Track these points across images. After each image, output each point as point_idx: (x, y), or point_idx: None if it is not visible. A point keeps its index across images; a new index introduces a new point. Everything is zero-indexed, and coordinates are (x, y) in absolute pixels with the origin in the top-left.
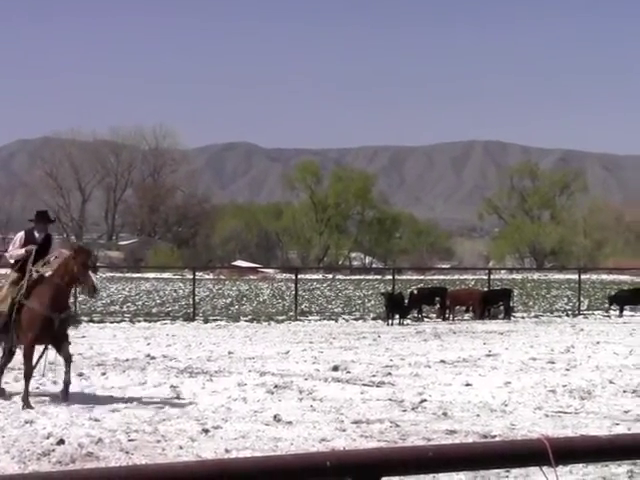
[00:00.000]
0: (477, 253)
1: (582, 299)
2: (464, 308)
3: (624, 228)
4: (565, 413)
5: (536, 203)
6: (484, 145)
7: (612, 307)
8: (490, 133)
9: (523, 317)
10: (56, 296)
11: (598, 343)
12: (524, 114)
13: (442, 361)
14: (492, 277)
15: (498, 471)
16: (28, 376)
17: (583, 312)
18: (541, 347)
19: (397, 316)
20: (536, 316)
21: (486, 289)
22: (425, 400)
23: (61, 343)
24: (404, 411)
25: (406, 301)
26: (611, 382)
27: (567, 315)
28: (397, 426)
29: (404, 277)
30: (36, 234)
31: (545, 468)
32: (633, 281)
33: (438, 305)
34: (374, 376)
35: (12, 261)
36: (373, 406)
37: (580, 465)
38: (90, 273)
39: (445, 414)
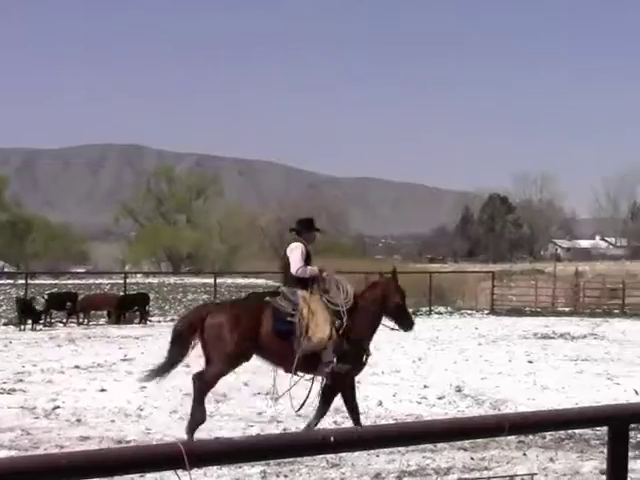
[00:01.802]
0: (113, 257)
1: None
2: (100, 313)
3: (259, 232)
4: None
5: (172, 207)
6: (120, 149)
7: None
8: (126, 137)
9: (159, 321)
10: (372, 327)
11: None
12: (160, 118)
13: (76, 366)
14: (128, 281)
15: (133, 476)
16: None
17: None
18: None
19: (30, 321)
20: (172, 320)
21: (122, 293)
22: (58, 407)
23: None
24: (36, 418)
25: (39, 306)
26: (246, 385)
27: None
28: (29, 434)
29: (38, 282)
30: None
31: (180, 471)
32: (268, 285)
33: (70, 310)
34: (5, 383)
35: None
36: (3, 414)
37: (215, 467)
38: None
39: (79, 420)
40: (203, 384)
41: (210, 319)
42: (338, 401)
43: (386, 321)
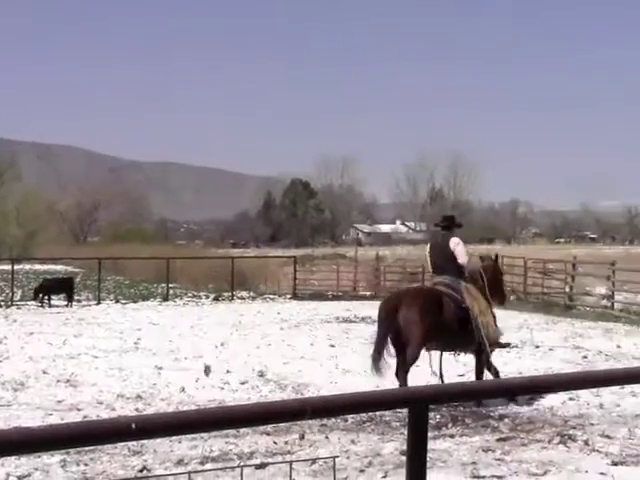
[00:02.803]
0: None
1: (15, 290)
2: None
3: (57, 217)
4: None
5: None
6: None
7: (43, 297)
8: None
9: None
10: None
11: (32, 334)
12: None
13: None
14: None
15: None
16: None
17: (16, 303)
18: None
19: None
20: None
21: None
22: None
23: None
24: None
25: None
26: (45, 372)
27: (0, 306)
28: None
29: None
30: None
31: None
32: (67, 270)
33: None
34: None
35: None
36: None
37: (13, 457)
38: None
39: None
40: (407, 365)
41: (405, 309)
42: (137, 388)
43: None
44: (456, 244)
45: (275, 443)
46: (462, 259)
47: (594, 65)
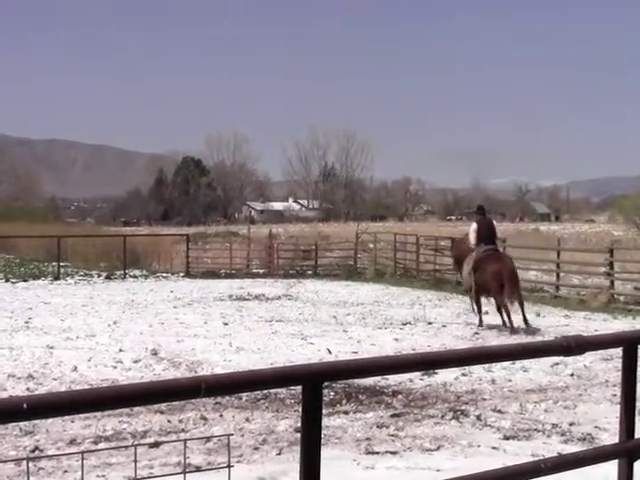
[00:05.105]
0: None
1: None
2: None
3: None
4: None
5: None
6: None
7: None
8: None
9: None
10: None
11: None
12: None
13: None
14: None
15: None
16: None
17: None
18: None
19: None
20: None
21: None
22: None
23: None
24: None
25: None
26: None
27: None
28: None
29: None
30: None
31: None
32: None
33: None
34: None
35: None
36: None
37: None
38: None
39: None
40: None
41: (510, 264)
42: (29, 368)
43: None
44: (496, 224)
45: (169, 422)
46: (497, 233)
47: (477, 38)
